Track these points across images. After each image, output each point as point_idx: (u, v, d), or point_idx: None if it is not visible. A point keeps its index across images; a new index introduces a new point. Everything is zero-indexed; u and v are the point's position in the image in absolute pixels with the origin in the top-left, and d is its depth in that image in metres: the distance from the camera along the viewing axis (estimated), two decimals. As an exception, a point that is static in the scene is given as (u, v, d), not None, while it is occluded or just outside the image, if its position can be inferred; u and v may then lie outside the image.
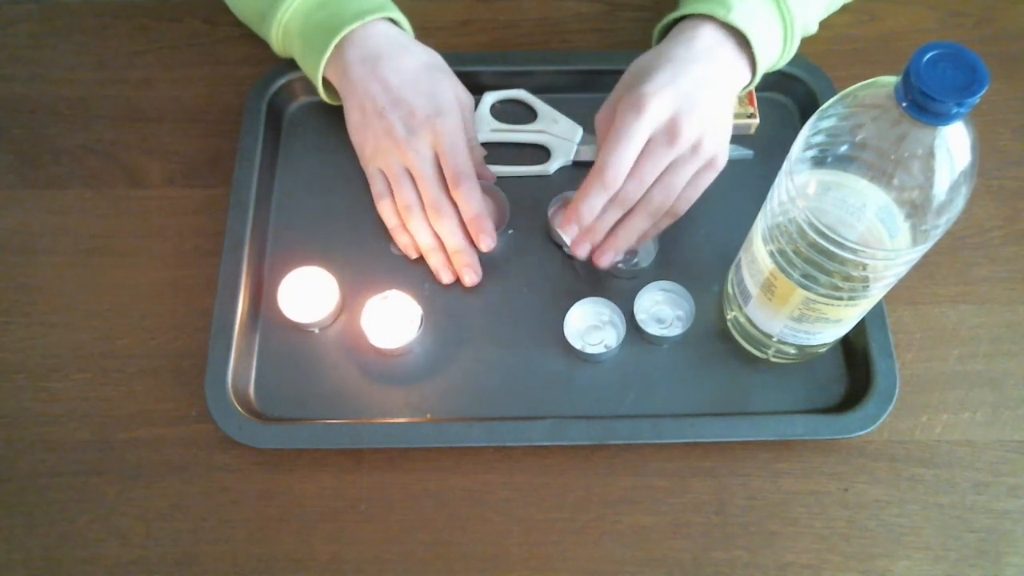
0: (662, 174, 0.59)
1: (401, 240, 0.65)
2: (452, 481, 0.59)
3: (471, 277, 0.63)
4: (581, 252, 0.61)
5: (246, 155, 0.67)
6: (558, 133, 0.69)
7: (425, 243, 0.64)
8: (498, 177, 0.68)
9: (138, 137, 0.71)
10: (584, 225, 0.59)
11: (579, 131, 0.69)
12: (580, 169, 0.69)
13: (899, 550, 0.57)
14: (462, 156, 0.62)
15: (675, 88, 0.57)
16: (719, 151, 0.60)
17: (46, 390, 0.62)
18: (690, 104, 0.57)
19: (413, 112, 0.62)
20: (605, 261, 0.61)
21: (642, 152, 0.57)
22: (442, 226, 0.63)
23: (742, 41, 0.60)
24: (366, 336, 0.61)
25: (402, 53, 0.64)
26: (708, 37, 0.60)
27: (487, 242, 0.62)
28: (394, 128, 0.62)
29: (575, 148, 0.69)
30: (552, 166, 0.68)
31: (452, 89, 0.65)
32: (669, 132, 0.57)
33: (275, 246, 0.66)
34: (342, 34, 0.62)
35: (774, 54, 0.63)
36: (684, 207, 0.61)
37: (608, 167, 0.57)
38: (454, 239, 0.63)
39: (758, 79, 0.63)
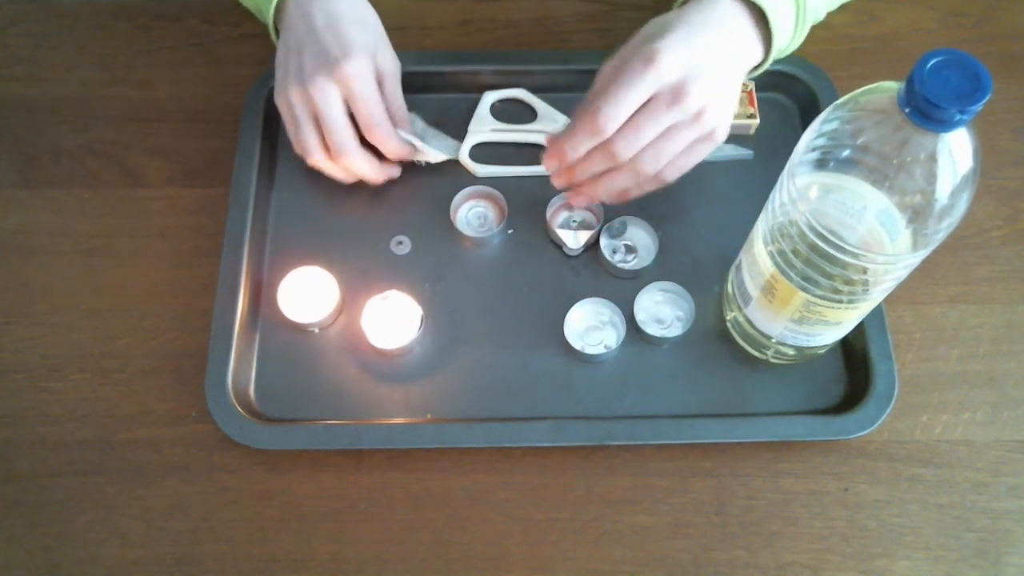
0: (658, 136, 0.57)
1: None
2: (452, 481, 0.59)
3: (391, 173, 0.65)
4: (558, 183, 0.61)
5: (245, 155, 0.67)
6: None
7: (330, 172, 0.64)
8: (498, 177, 0.68)
9: (138, 137, 0.71)
10: (565, 164, 0.58)
11: None
12: (537, 148, 0.68)
13: (899, 550, 0.57)
14: (373, 102, 0.61)
15: (688, 49, 0.56)
16: (720, 124, 0.58)
17: (46, 390, 0.62)
18: (701, 70, 0.56)
19: (325, 52, 0.60)
20: (579, 203, 0.61)
21: (643, 109, 0.56)
22: (348, 163, 0.62)
23: (759, 18, 0.59)
24: (366, 336, 0.61)
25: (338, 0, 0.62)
26: (727, 7, 0.58)
27: (397, 171, 0.64)
28: (304, 66, 0.60)
29: None
30: None
31: (374, 43, 0.63)
32: (675, 93, 0.55)
33: (275, 246, 0.66)
34: None
35: (786, 35, 0.62)
36: (673, 175, 0.60)
37: (602, 111, 0.55)
38: (364, 171, 0.63)
39: (770, 61, 0.62)
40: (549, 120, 0.69)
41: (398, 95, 0.65)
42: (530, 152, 0.69)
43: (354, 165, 0.63)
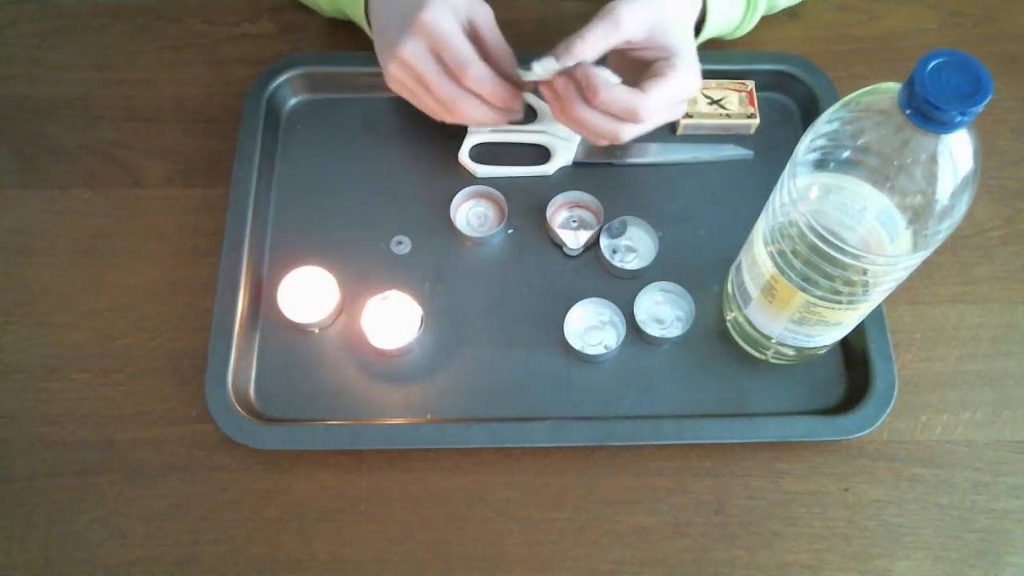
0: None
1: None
2: (452, 481, 0.59)
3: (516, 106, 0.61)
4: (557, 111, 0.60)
5: (245, 154, 0.67)
6: (558, 133, 0.69)
7: (479, 119, 0.62)
8: (498, 178, 0.68)
9: (138, 137, 0.71)
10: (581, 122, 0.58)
11: None
12: (580, 169, 0.69)
13: (899, 550, 0.57)
14: (457, 45, 0.58)
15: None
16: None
17: (46, 390, 0.62)
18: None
19: (404, 14, 0.58)
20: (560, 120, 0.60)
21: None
22: (464, 111, 0.60)
23: None
24: (366, 336, 0.61)
25: None
26: None
27: (516, 105, 0.60)
28: (392, 39, 0.59)
29: (575, 148, 0.69)
30: (552, 166, 0.68)
31: None
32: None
33: (275, 246, 0.66)
34: None
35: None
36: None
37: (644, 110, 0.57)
38: (481, 114, 0.60)
39: (709, 23, 0.66)
40: (549, 120, 0.69)
41: (494, 37, 0.62)
42: (530, 152, 0.69)
43: (469, 112, 0.60)
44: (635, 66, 0.60)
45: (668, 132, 0.70)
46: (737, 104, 0.69)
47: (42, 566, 0.57)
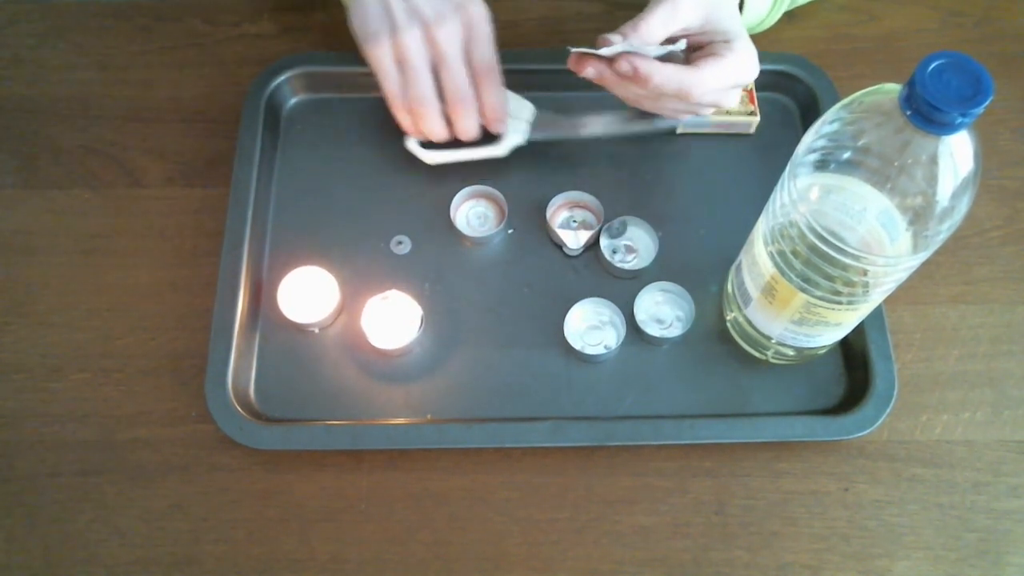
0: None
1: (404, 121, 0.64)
2: (452, 481, 0.59)
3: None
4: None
5: (245, 154, 0.67)
6: (509, 112, 0.66)
7: (437, 134, 0.63)
8: (449, 163, 0.67)
9: (138, 137, 0.71)
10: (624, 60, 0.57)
11: (529, 108, 0.67)
12: (536, 147, 0.67)
13: (899, 550, 0.57)
14: (492, 46, 0.60)
15: None
16: None
17: (46, 390, 0.62)
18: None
19: None
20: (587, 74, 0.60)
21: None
22: (462, 118, 0.61)
23: None
24: (366, 336, 0.61)
25: None
26: None
27: (503, 128, 0.61)
28: (422, 9, 0.59)
29: (527, 127, 0.67)
30: (505, 147, 0.67)
31: None
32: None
33: (275, 246, 0.66)
34: None
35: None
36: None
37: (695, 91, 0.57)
38: (472, 130, 0.62)
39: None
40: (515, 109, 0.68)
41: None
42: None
43: (468, 120, 0.62)
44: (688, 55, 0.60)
45: (668, 132, 0.70)
46: (737, 103, 0.69)
47: (42, 566, 0.57)
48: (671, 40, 0.59)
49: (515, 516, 0.58)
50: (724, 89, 0.59)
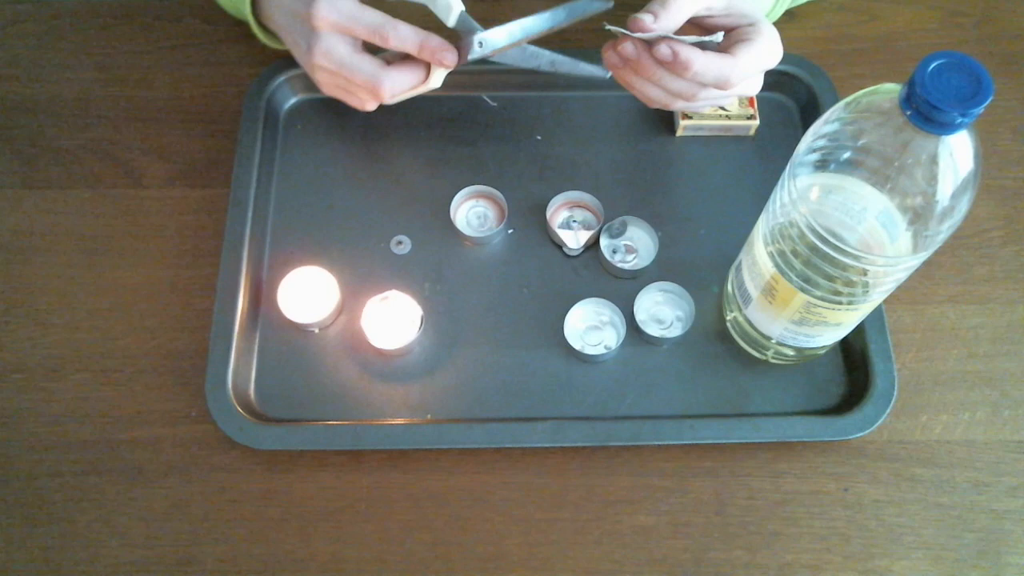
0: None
1: None
2: (452, 481, 0.59)
3: (449, 58, 0.58)
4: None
5: (245, 154, 0.67)
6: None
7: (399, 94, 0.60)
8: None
9: (138, 137, 0.71)
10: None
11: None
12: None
13: (899, 550, 0.57)
14: (367, 13, 0.57)
15: None
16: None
17: (46, 390, 0.62)
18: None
19: (296, 14, 0.57)
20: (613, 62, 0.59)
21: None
22: (390, 86, 0.58)
23: None
24: (366, 336, 0.61)
25: None
26: None
27: (449, 58, 0.58)
28: (298, 41, 0.59)
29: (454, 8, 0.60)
30: (437, 79, 0.61)
31: None
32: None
33: (275, 246, 0.66)
34: None
35: None
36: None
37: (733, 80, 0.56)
38: (408, 80, 0.59)
39: None
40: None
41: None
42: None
43: (396, 84, 0.59)
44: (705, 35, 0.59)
45: (667, 134, 0.70)
46: (736, 105, 0.69)
47: (42, 566, 0.57)
48: (695, 29, 0.58)
49: (515, 516, 0.58)
50: (756, 74, 0.59)
